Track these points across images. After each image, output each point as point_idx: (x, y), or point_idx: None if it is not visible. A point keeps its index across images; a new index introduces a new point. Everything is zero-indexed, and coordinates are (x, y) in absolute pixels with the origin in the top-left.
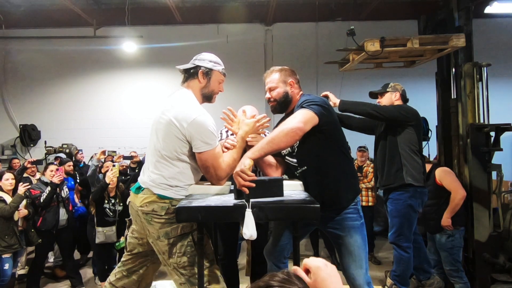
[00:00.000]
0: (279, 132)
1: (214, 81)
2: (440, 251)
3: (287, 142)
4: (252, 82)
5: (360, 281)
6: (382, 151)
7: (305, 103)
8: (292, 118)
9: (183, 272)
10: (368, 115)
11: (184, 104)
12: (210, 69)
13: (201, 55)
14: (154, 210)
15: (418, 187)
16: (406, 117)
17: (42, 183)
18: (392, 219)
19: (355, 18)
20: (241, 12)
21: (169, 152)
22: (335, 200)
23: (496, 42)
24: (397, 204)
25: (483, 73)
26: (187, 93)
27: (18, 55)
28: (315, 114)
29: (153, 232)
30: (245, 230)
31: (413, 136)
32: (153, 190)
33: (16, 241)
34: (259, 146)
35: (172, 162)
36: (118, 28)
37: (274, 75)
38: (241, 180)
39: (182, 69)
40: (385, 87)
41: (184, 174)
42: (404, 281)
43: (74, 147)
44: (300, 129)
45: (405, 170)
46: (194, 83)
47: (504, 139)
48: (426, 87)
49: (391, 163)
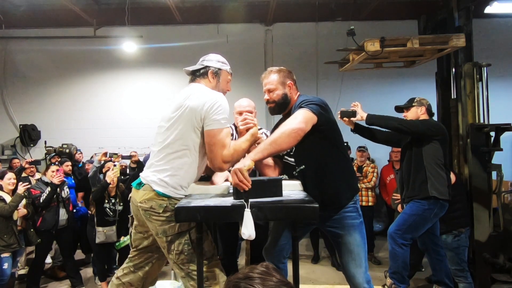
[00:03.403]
0: (281, 133)
1: (223, 80)
2: (446, 251)
3: (290, 143)
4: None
5: (360, 279)
6: (408, 163)
7: (304, 103)
8: (293, 119)
9: (182, 268)
10: (395, 129)
11: (199, 91)
12: (219, 69)
13: (209, 56)
14: (152, 207)
15: (441, 200)
16: (432, 132)
17: (43, 183)
18: (402, 215)
19: (355, 18)
20: (241, 12)
21: (179, 144)
22: (334, 199)
23: (496, 42)
24: (413, 205)
25: (483, 73)
26: (200, 86)
27: (18, 55)
28: (314, 114)
29: (152, 228)
30: (244, 230)
31: (438, 150)
32: (153, 186)
33: (15, 241)
34: (261, 147)
35: (179, 156)
36: (118, 28)
37: (272, 76)
38: (236, 179)
39: (190, 71)
40: (410, 102)
41: (188, 171)
42: (401, 279)
43: (74, 147)
44: (301, 130)
45: (429, 183)
46: (204, 82)
47: (504, 139)
48: (426, 87)
49: (416, 175)
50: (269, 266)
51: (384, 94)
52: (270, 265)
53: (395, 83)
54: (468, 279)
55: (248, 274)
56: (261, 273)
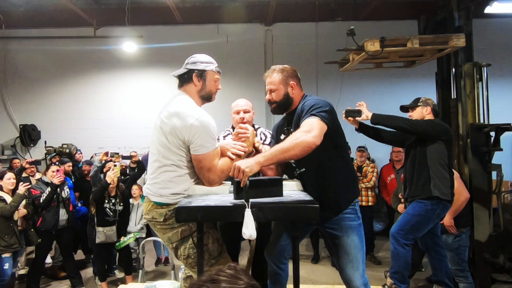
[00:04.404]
0: (295, 144)
1: (210, 81)
2: (447, 251)
3: (300, 155)
4: (252, 82)
5: (357, 282)
6: (412, 163)
7: (315, 110)
8: (308, 130)
9: (193, 270)
10: (400, 129)
11: (182, 109)
12: (203, 70)
13: (192, 57)
14: (154, 217)
15: (444, 200)
16: (438, 132)
17: (43, 183)
18: (404, 215)
19: (355, 18)
20: (241, 12)
21: (168, 159)
22: (333, 203)
23: (496, 42)
24: (416, 205)
25: (483, 73)
26: (184, 99)
27: (18, 55)
28: (326, 124)
29: (160, 237)
30: (245, 230)
31: (443, 151)
32: (150, 198)
33: (16, 241)
34: (272, 153)
35: (168, 170)
36: (118, 28)
37: (275, 76)
38: (237, 174)
39: (176, 76)
40: (416, 102)
41: (178, 183)
42: (402, 279)
43: (74, 147)
44: (316, 145)
45: (432, 183)
46: (190, 87)
47: (504, 139)
48: (426, 87)
49: (419, 175)
50: (237, 268)
51: (384, 94)
52: (238, 267)
53: (395, 83)
54: (468, 279)
55: (213, 276)
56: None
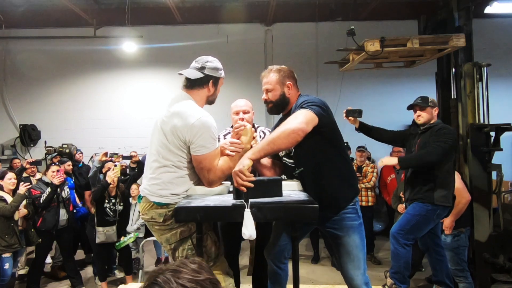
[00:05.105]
0: (281, 133)
1: (219, 87)
2: (446, 251)
3: (289, 144)
4: (252, 82)
5: (358, 281)
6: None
7: (305, 103)
8: (293, 119)
9: None
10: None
11: (183, 109)
12: (218, 78)
13: (209, 62)
14: (153, 217)
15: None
16: (454, 143)
17: (43, 183)
18: (404, 215)
19: (355, 18)
20: (241, 12)
21: (168, 160)
22: (333, 201)
23: (496, 42)
24: (416, 206)
25: (483, 73)
26: (186, 102)
27: (18, 55)
28: (315, 115)
29: (157, 238)
30: (244, 230)
31: (451, 156)
32: (150, 198)
33: (16, 241)
34: (259, 147)
35: (167, 170)
36: (118, 28)
37: (271, 76)
38: (239, 180)
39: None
40: (425, 101)
41: (178, 184)
42: (402, 279)
43: (74, 147)
44: (302, 130)
45: (437, 191)
46: (202, 91)
47: (504, 139)
48: (426, 87)
49: (424, 179)
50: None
51: (384, 94)
52: (204, 263)
53: (395, 83)
54: (468, 279)
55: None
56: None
